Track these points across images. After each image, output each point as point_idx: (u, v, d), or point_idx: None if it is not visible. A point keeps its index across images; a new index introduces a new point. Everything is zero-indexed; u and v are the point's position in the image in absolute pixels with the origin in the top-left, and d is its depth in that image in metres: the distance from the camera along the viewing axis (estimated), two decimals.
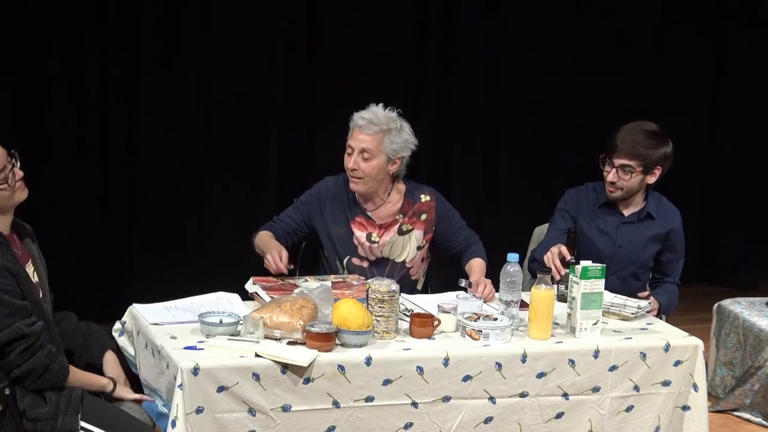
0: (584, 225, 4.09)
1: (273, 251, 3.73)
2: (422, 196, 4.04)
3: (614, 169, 3.97)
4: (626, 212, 4.10)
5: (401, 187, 4.03)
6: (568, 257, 3.72)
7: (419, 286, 4.10)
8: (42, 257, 3.20)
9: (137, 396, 3.19)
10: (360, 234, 3.96)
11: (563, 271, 3.70)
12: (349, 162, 3.88)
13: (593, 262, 3.86)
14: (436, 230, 4.04)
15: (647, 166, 3.97)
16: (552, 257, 3.74)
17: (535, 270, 3.92)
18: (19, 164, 3.07)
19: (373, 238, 3.96)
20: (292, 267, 3.77)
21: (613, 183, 3.99)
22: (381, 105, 3.93)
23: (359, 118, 3.89)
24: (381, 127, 3.86)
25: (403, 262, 4.00)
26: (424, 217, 4.02)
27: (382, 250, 3.97)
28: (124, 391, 3.17)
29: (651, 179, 4.02)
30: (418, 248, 4.02)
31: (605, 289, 3.42)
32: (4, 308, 2.90)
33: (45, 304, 3.09)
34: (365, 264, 3.97)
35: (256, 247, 3.91)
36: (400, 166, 3.95)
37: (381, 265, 3.97)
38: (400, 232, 3.98)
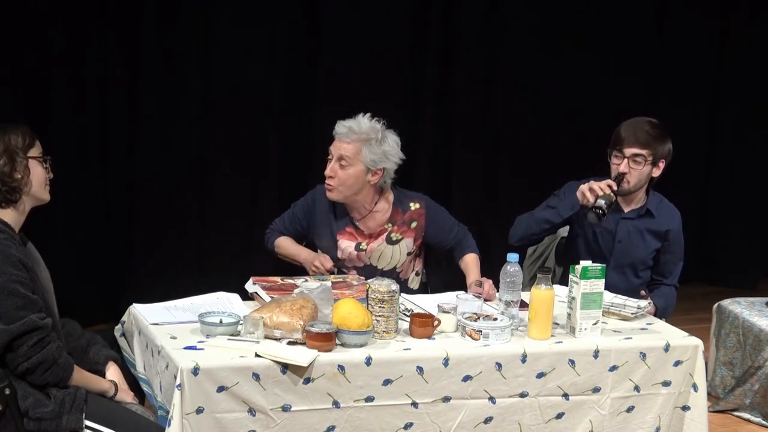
0: (584, 219, 4.10)
1: (316, 259, 3.85)
2: (411, 204, 4.02)
3: (625, 160, 3.99)
4: (626, 208, 4.11)
5: (389, 196, 4.01)
6: (615, 187, 3.86)
7: (412, 285, 4.08)
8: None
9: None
10: (348, 245, 3.96)
11: (607, 189, 3.83)
12: (327, 168, 3.89)
13: (592, 256, 3.88)
14: (427, 234, 4.04)
15: (655, 157, 4.00)
16: (595, 183, 3.85)
17: (545, 216, 4.03)
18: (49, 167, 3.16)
19: (361, 247, 3.96)
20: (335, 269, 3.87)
21: (624, 174, 4.00)
22: (368, 115, 3.91)
23: (341, 125, 3.89)
24: (360, 136, 3.84)
25: (393, 269, 4.00)
26: (414, 225, 4.01)
27: (370, 257, 3.97)
28: (126, 397, 3.18)
29: (656, 172, 4.04)
30: (410, 254, 4.03)
31: (605, 284, 3.42)
32: (19, 300, 2.91)
33: (52, 304, 3.10)
34: (352, 273, 3.95)
35: (280, 254, 4.00)
36: (381, 177, 3.91)
37: (369, 274, 3.94)
38: (389, 241, 3.98)
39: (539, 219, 4.08)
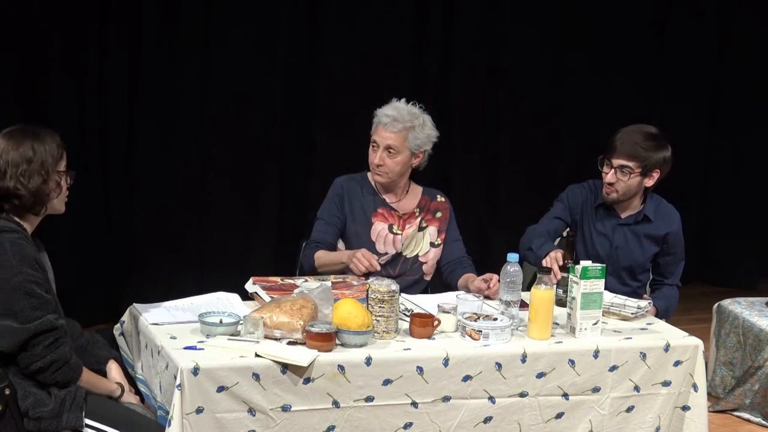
0: (583, 225, 4.10)
1: (357, 253, 3.74)
2: (438, 196, 4.14)
3: (613, 170, 3.97)
4: (623, 214, 4.09)
5: (418, 186, 4.13)
6: (561, 262, 3.70)
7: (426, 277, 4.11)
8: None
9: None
10: (382, 227, 4.00)
11: (560, 276, 3.68)
12: (375, 158, 3.96)
13: (590, 260, 3.87)
14: (446, 231, 4.08)
15: (645, 168, 3.96)
16: (551, 261, 3.73)
17: (530, 258, 3.94)
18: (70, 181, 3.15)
19: (395, 230, 4.00)
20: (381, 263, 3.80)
21: (611, 184, 3.99)
22: (403, 100, 4.01)
23: (383, 115, 3.96)
24: (405, 124, 3.93)
25: (416, 256, 4.03)
26: (438, 215, 4.09)
27: (403, 242, 4.01)
28: (131, 398, 3.19)
29: (649, 182, 4.01)
30: (433, 245, 4.06)
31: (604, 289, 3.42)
32: (35, 300, 2.92)
33: (58, 304, 3.10)
34: (383, 260, 3.97)
35: (320, 266, 3.93)
36: (422, 159, 4.03)
37: (394, 261, 4.00)
38: (419, 228, 4.05)
39: (527, 255, 4.00)
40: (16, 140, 3.03)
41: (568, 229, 4.05)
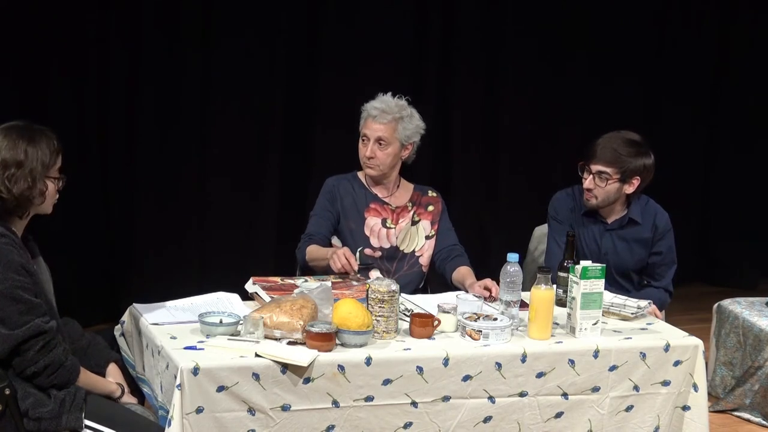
0: (576, 228, 4.08)
1: (338, 251, 3.76)
2: (430, 191, 4.17)
3: (591, 176, 3.97)
4: (609, 219, 4.08)
5: (409, 183, 4.16)
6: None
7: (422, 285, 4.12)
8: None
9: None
10: (375, 221, 4.02)
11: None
12: (366, 151, 4.00)
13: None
14: (439, 225, 4.09)
15: (624, 175, 3.95)
16: None
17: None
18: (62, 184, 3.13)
19: (388, 224, 4.02)
20: (356, 270, 3.77)
21: (590, 190, 3.98)
22: (389, 93, 4.04)
23: (372, 108, 4.00)
24: (394, 115, 3.98)
25: (413, 252, 4.05)
26: (430, 208, 4.12)
27: (398, 236, 4.02)
28: (131, 399, 3.19)
29: (629, 189, 3.99)
30: (427, 237, 4.08)
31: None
32: (22, 305, 2.92)
33: (54, 306, 3.10)
34: (377, 254, 4.00)
35: (311, 260, 3.94)
36: (411, 151, 4.07)
37: (392, 256, 4.01)
38: (412, 222, 4.07)
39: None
40: (11, 140, 3.02)
41: (568, 229, 4.05)
